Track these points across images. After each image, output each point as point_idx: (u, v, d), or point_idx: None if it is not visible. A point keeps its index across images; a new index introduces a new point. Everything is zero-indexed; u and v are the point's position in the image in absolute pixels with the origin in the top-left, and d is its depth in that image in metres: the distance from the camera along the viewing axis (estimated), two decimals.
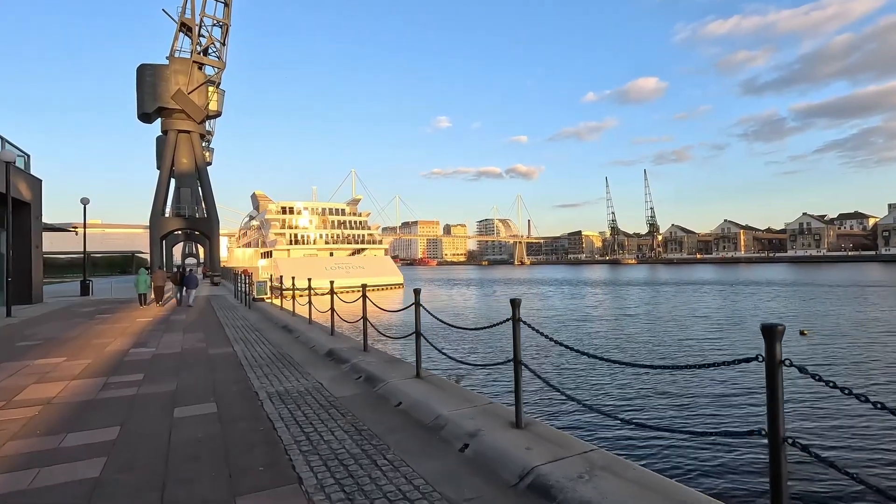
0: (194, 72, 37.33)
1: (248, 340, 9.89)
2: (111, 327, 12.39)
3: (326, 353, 8.13)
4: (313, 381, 6.27)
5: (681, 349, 18.40)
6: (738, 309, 30.67)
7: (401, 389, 5.48)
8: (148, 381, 6.48)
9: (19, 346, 9.64)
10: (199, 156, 40.41)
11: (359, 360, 7.06)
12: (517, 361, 4.15)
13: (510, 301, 4.15)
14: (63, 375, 6.88)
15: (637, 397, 12.02)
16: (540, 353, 17.02)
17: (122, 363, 7.72)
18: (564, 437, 3.95)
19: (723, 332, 21.76)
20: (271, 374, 6.78)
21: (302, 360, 7.72)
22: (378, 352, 7.86)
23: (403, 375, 6.09)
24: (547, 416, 10.73)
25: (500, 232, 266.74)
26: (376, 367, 6.62)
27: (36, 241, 20.65)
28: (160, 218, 39.55)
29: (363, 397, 5.50)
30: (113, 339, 10.39)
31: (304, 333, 10.18)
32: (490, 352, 18.14)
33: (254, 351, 8.66)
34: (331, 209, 74.08)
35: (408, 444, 4.05)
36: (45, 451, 4.02)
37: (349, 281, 44.75)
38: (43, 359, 8.16)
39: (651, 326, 24.26)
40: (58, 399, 5.64)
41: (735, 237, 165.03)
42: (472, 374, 14.03)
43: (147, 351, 8.81)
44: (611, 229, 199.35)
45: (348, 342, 8.86)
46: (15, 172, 18.59)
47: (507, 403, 4.89)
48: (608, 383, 13.32)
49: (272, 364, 7.47)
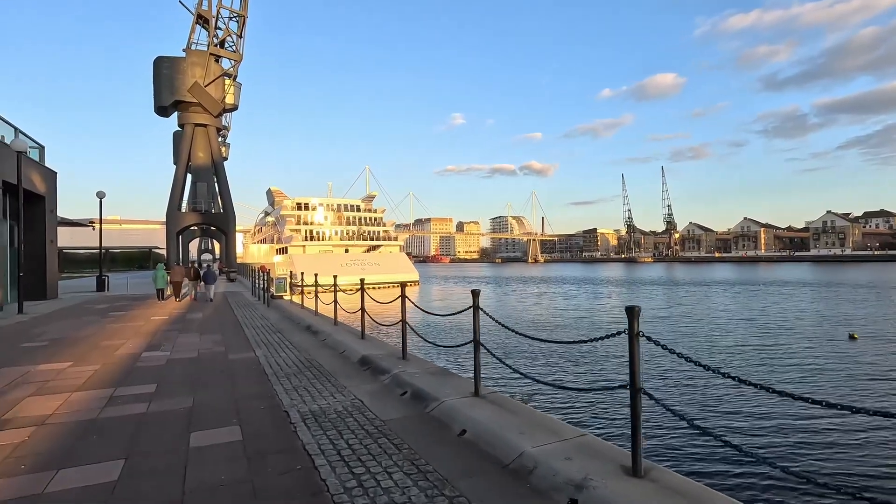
0: (211, 64, 36.73)
1: (270, 344, 9.02)
2: (124, 327, 11.63)
3: (359, 360, 7.20)
4: (351, 398, 5.34)
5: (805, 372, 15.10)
6: (783, 310, 29.19)
7: (461, 412, 4.51)
8: (160, 394, 5.60)
9: (24, 347, 8.88)
10: (216, 150, 39.86)
11: (400, 371, 6.12)
12: (636, 389, 3.13)
13: (626, 310, 3.14)
14: (65, 385, 6.04)
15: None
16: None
17: (132, 370, 6.88)
18: (708, 494, 2.93)
19: (811, 342, 19.18)
20: (301, 386, 5.86)
21: (333, 369, 6.80)
22: (418, 360, 6.91)
23: (459, 392, 5.12)
24: (665, 454, 8.55)
25: (513, 229, 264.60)
26: (423, 380, 5.66)
27: (51, 235, 20.08)
28: (176, 213, 39.12)
29: (416, 421, 4.55)
30: (125, 340, 9.59)
31: (331, 336, 9.28)
32: (557, 367, 15.35)
33: (277, 357, 7.77)
34: (346, 205, 73.55)
35: (491, 496, 3.08)
36: (26, 499, 3.12)
37: (366, 277, 43.83)
38: (47, 363, 7.36)
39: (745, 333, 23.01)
40: (55, 418, 4.78)
41: (755, 235, 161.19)
42: (541, 393, 12.16)
43: (161, 355, 7.97)
44: (627, 227, 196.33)
45: (383, 348, 7.92)
46: (28, 163, 18.02)
47: (602, 434, 3.89)
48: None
49: (300, 373, 6.56)
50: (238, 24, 37.94)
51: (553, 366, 15.51)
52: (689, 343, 19.11)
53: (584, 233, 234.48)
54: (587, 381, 13.75)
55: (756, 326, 23.19)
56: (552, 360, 16.23)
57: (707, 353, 17.25)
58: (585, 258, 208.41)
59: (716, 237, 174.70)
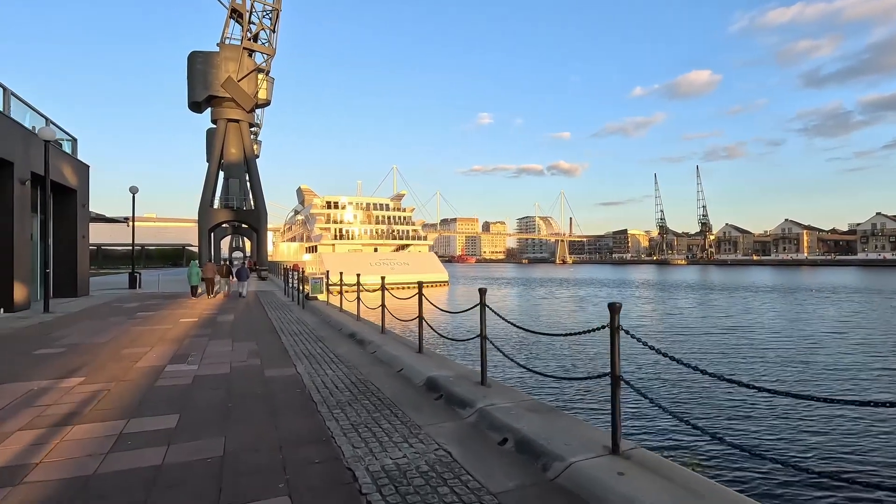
0: (244, 59, 36.18)
1: (311, 356, 7.73)
2: (150, 330, 10.58)
3: (425, 384, 5.81)
4: (433, 446, 3.93)
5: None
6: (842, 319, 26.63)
7: (607, 486, 3.04)
8: (183, 431, 4.31)
9: (38, 355, 7.83)
10: (248, 146, 39.37)
11: (488, 406, 4.68)
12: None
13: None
14: (67, 414, 4.84)
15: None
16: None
17: (151, 392, 5.65)
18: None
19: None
20: (361, 423, 4.50)
21: (395, 396, 5.42)
22: (502, 387, 5.47)
23: (584, 445, 3.64)
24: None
25: (540, 230, 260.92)
26: (525, 422, 4.21)
27: (82, 230, 19.48)
28: (208, 209, 38.79)
29: (539, 497, 3.10)
30: (149, 347, 8.47)
31: (381, 348, 7.93)
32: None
33: (324, 374, 6.45)
34: (375, 204, 72.86)
35: None
36: None
37: (396, 277, 42.90)
38: (55, 378, 6.23)
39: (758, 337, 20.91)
40: (40, 472, 3.52)
41: (797, 238, 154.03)
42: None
43: (187, 370, 6.75)
44: (659, 228, 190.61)
45: (449, 366, 6.51)
46: (59, 155, 17.39)
47: None
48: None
49: (355, 401, 5.20)
50: (271, 19, 37.34)
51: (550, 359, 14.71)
52: (736, 359, 17.05)
53: (614, 234, 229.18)
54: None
55: (808, 336, 20.93)
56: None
57: (751, 369, 15.36)
58: (615, 260, 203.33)
59: (754, 239, 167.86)
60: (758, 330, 22.98)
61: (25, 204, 14.54)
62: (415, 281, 8.50)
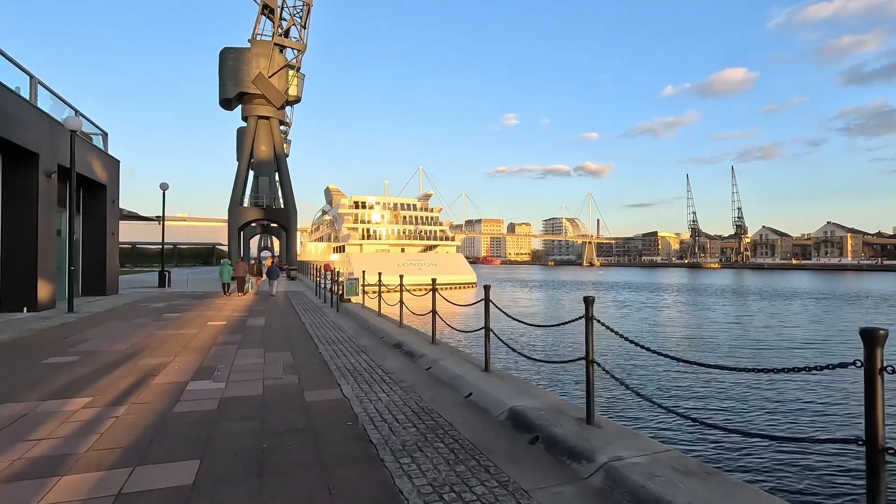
0: (275, 55, 35.67)
1: (357, 372, 6.54)
2: (175, 335, 9.62)
3: (510, 419, 4.53)
4: None
5: None
6: None
7: None
8: (201, 493, 3.14)
9: (47, 364, 6.88)
10: (278, 143, 38.89)
11: (616, 462, 3.38)
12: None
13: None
14: (58, 456, 3.74)
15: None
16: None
17: (168, 422, 4.53)
18: None
19: None
20: (444, 484, 3.24)
21: (477, 438, 4.15)
22: (618, 429, 4.14)
23: None
24: None
25: (567, 231, 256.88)
26: (688, 496, 2.90)
27: (112, 226, 18.92)
28: (238, 208, 38.45)
29: None
30: (170, 357, 7.45)
31: (438, 363, 6.69)
32: None
33: (376, 399, 5.24)
34: (402, 204, 72.06)
35: None
36: None
37: (423, 278, 41.72)
38: (58, 398, 5.21)
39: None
40: None
41: (840, 241, 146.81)
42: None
43: (212, 388, 5.65)
44: (691, 230, 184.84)
45: (530, 391, 5.21)
46: (89, 149, 16.81)
47: None
48: None
49: (426, 444, 3.96)
50: (302, 14, 36.75)
51: None
52: None
53: (644, 236, 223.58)
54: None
55: None
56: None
57: None
58: (645, 262, 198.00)
59: (793, 242, 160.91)
60: (838, 343, 20.89)
61: (52, 198, 13.88)
62: (444, 283, 7.29)
